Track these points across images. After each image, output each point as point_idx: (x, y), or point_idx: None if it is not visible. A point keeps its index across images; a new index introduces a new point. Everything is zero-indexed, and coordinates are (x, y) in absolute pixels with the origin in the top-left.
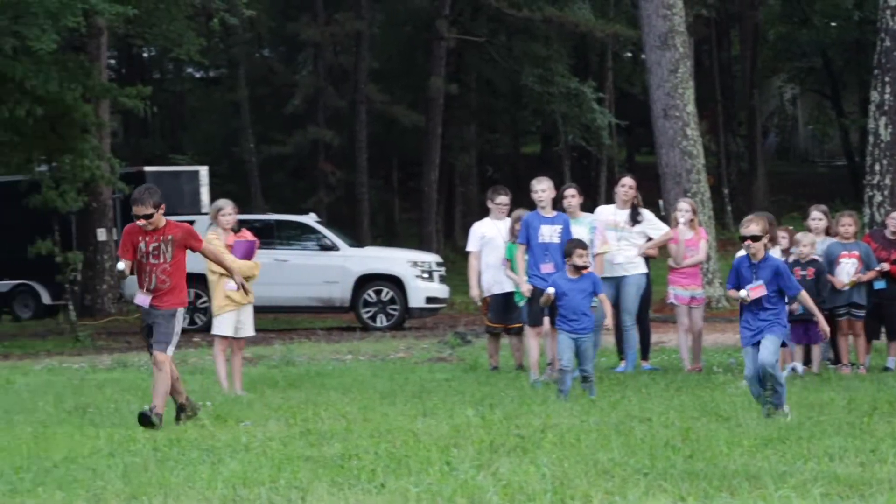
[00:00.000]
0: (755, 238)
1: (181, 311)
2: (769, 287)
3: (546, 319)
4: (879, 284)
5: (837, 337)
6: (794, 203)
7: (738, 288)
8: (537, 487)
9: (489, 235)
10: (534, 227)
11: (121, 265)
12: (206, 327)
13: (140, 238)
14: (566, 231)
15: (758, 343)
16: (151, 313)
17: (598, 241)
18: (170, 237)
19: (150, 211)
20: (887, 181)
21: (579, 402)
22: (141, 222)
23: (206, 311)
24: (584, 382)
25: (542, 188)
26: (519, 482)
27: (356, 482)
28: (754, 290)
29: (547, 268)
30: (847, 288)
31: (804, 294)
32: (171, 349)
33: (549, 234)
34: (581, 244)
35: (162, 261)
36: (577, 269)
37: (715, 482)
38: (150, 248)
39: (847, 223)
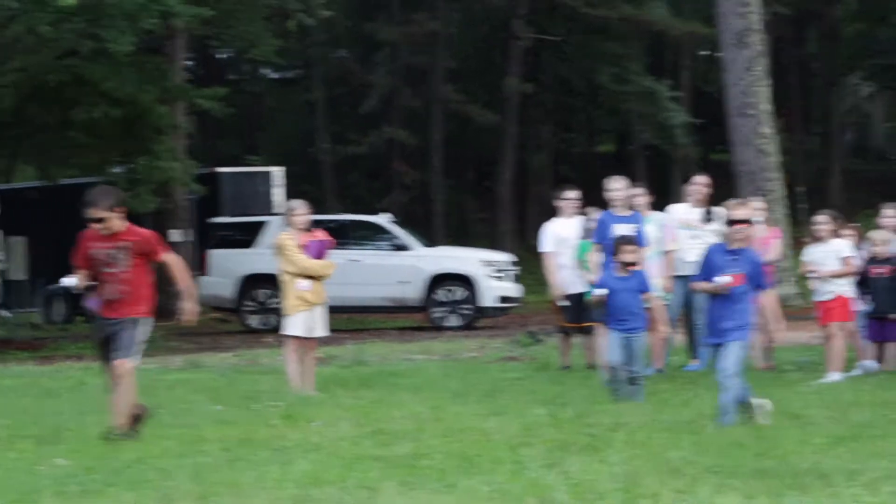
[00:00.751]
0: (746, 223)
1: (146, 319)
2: (745, 279)
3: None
4: None
5: None
6: (869, 201)
7: (709, 279)
8: (608, 486)
9: (563, 235)
10: (609, 227)
11: (68, 280)
12: (280, 327)
13: (94, 244)
14: (641, 230)
15: (721, 344)
16: (108, 324)
17: (667, 239)
18: (126, 244)
19: (102, 214)
20: None
21: (650, 400)
22: (95, 226)
23: (279, 312)
24: (631, 385)
25: (617, 187)
26: (589, 481)
27: (426, 482)
28: (734, 278)
29: None
30: None
31: (770, 294)
32: (134, 358)
33: (624, 232)
34: (628, 240)
35: (118, 269)
36: (626, 266)
37: (786, 480)
38: (104, 255)
39: None
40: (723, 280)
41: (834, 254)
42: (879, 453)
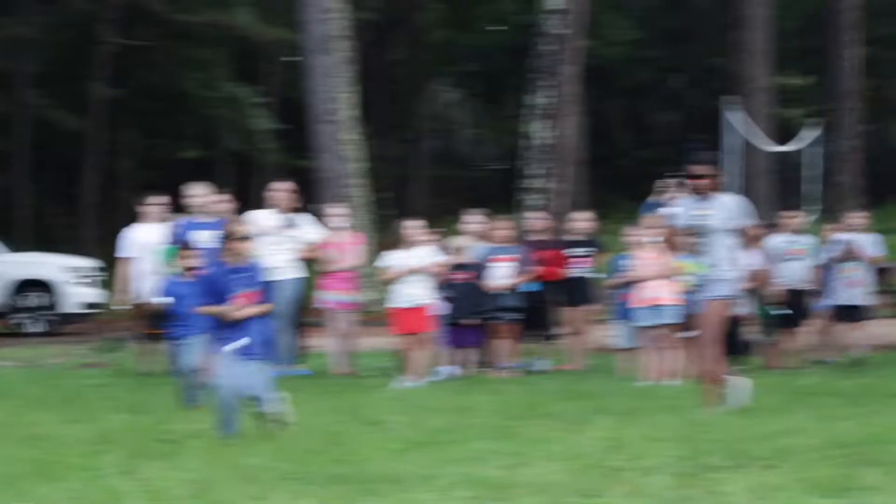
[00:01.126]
0: (245, 239)
1: None
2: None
3: None
4: (531, 287)
5: (491, 340)
6: (453, 207)
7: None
8: (182, 492)
9: (144, 241)
10: (191, 233)
11: None
12: None
13: None
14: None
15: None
16: None
17: None
18: None
19: None
20: (545, 184)
21: None
22: None
23: None
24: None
25: (196, 193)
26: (165, 488)
27: (1, 489)
28: (245, 297)
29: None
30: (503, 291)
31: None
32: None
33: (207, 239)
34: (188, 245)
35: None
36: (188, 271)
37: (361, 485)
38: None
39: (502, 226)
40: (233, 306)
41: (417, 259)
42: (454, 458)
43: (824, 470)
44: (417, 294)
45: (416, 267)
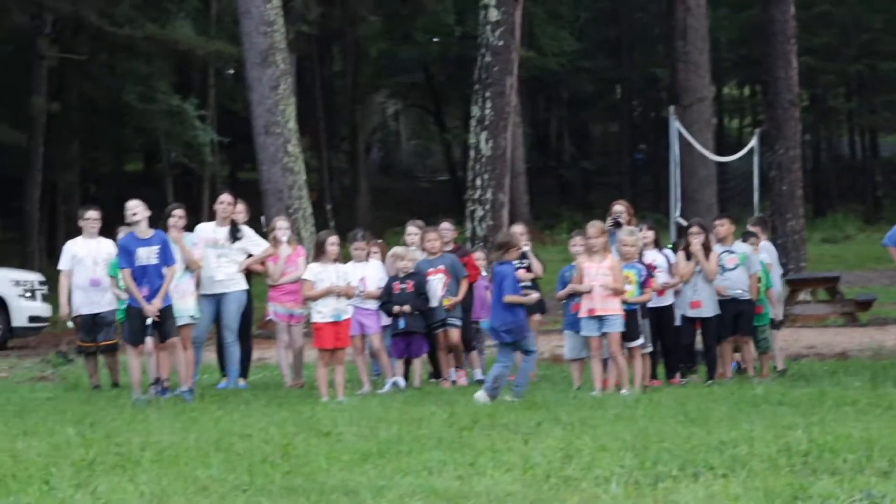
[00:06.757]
0: None
1: None
2: None
3: (149, 339)
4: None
5: (437, 351)
6: (397, 218)
7: None
8: None
9: (80, 255)
10: (130, 250)
11: None
12: None
13: None
14: (164, 251)
15: None
16: None
17: (194, 258)
18: None
19: None
20: (488, 195)
21: (180, 419)
22: None
23: None
24: None
25: (134, 208)
26: (118, 500)
27: None
28: None
29: (143, 291)
30: (441, 304)
31: None
32: None
33: (147, 256)
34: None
35: None
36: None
37: (314, 497)
38: None
39: (431, 238)
40: None
41: (337, 274)
42: (405, 469)
43: (776, 479)
44: (339, 308)
45: (335, 288)
